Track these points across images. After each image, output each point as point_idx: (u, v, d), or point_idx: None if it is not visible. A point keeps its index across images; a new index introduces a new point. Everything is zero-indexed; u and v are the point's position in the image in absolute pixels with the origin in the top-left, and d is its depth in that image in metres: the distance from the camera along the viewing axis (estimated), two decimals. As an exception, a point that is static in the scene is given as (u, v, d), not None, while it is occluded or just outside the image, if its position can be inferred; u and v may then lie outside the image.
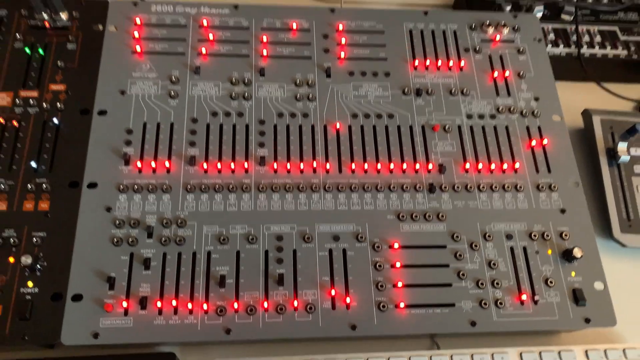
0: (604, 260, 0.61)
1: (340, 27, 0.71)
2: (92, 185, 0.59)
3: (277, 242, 0.58)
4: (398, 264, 0.58)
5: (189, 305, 0.54)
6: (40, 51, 0.66)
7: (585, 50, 0.83)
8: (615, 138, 0.74)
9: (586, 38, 0.84)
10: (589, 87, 0.84)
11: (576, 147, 0.66)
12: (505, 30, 0.73)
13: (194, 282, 0.56)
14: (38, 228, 0.57)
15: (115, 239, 0.56)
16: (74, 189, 0.59)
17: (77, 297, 0.54)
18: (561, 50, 0.83)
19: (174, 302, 0.54)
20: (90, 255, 0.55)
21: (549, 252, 0.61)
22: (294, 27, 0.70)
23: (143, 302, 0.54)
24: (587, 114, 0.77)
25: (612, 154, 0.73)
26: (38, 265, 0.55)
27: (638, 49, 0.84)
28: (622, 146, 0.72)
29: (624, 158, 0.72)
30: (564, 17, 0.86)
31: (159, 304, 0.54)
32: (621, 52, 0.83)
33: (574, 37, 0.84)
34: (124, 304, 0.54)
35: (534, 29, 0.74)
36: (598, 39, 0.84)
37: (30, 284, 0.55)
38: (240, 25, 0.70)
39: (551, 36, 0.84)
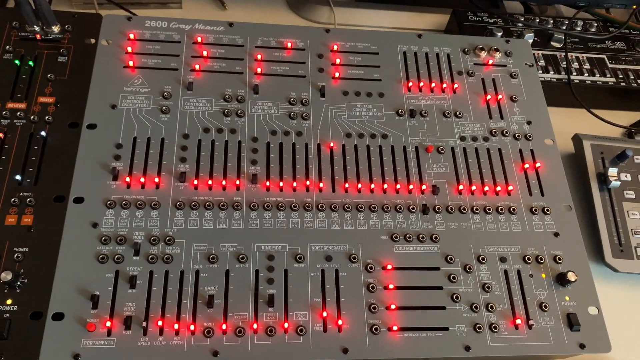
0: (596, 285, 0.61)
1: (335, 47, 0.71)
2: (78, 200, 0.57)
3: (268, 262, 0.57)
4: (391, 286, 0.57)
5: (176, 326, 0.52)
6: (30, 63, 0.65)
7: (574, 77, 0.84)
8: (605, 163, 0.75)
9: (575, 65, 0.86)
10: (578, 112, 0.85)
11: (567, 172, 0.67)
12: (498, 55, 0.74)
13: (181, 302, 0.54)
14: (20, 243, 0.55)
15: (100, 256, 0.54)
16: (59, 203, 0.57)
17: (58, 316, 0.51)
18: (551, 76, 0.84)
19: (159, 323, 0.52)
20: (74, 272, 0.53)
21: (543, 275, 0.60)
22: (289, 45, 0.70)
23: (127, 322, 0.52)
24: (577, 139, 0.78)
25: (603, 179, 0.73)
26: (18, 282, 0.53)
27: (626, 77, 0.85)
28: (612, 171, 0.73)
29: (615, 183, 0.72)
30: (554, 44, 0.88)
31: (144, 324, 0.52)
32: (609, 79, 0.85)
33: (564, 64, 0.85)
34: (108, 324, 0.51)
35: (525, 54, 0.75)
36: (587, 66, 0.86)
37: (9, 301, 0.52)
38: (235, 43, 0.69)
39: (541, 62, 0.85)
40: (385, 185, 0.62)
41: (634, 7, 0.90)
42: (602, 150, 0.76)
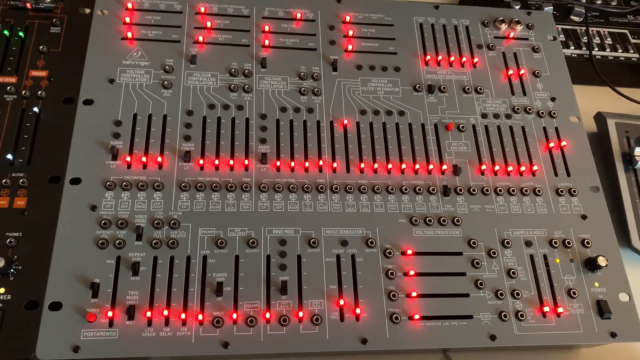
0: (623, 271, 0.57)
1: (347, 19, 0.67)
2: (75, 181, 0.53)
3: (279, 247, 0.53)
4: (411, 272, 0.54)
5: (182, 316, 0.49)
6: (21, 34, 0.60)
7: (596, 52, 0.80)
8: (631, 142, 0.71)
9: (596, 40, 0.82)
10: (599, 90, 0.81)
11: (590, 152, 0.63)
12: (519, 27, 0.70)
13: (188, 290, 0.50)
14: (13, 227, 0.51)
15: (100, 241, 0.51)
16: (54, 184, 0.54)
17: (55, 306, 0.48)
18: (572, 51, 0.80)
19: (165, 312, 0.49)
20: (72, 258, 0.50)
21: (571, 260, 0.57)
22: (298, 16, 0.66)
23: (130, 312, 0.48)
24: (600, 118, 0.74)
25: (629, 159, 0.70)
26: (12, 269, 0.49)
27: (650, 52, 0.81)
28: (638, 151, 0.69)
29: (642, 163, 0.69)
30: (574, 18, 0.83)
31: (148, 313, 0.48)
32: (633, 54, 0.81)
33: (585, 39, 0.81)
34: (109, 314, 0.48)
35: (548, 27, 0.71)
36: (609, 41, 0.82)
37: (2, 290, 0.49)
38: (241, 13, 0.65)
39: (561, 37, 0.81)
40: (403, 165, 0.59)
41: (657, -21, 0.86)
42: (626, 129, 0.72)
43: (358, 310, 0.51)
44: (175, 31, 0.63)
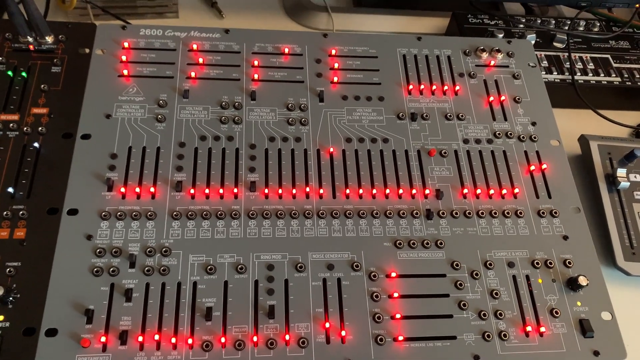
0: (608, 290, 0.58)
1: (333, 52, 0.70)
2: (72, 212, 0.55)
3: (267, 272, 0.55)
4: (396, 294, 0.55)
5: (173, 340, 0.50)
6: (24, 74, 0.63)
7: (578, 77, 0.83)
8: (613, 164, 0.73)
9: (579, 65, 0.84)
10: (583, 113, 0.83)
11: (574, 174, 0.65)
12: (500, 56, 0.72)
13: (179, 315, 0.52)
14: (12, 257, 0.53)
15: (95, 269, 0.53)
16: (52, 215, 0.56)
17: (51, 332, 0.50)
18: (555, 77, 0.82)
19: (156, 337, 0.50)
20: (68, 286, 0.52)
21: (553, 280, 0.58)
22: (286, 51, 0.69)
23: (123, 337, 0.50)
24: (584, 140, 0.76)
25: (612, 180, 0.71)
26: (10, 297, 0.51)
27: (631, 76, 0.83)
28: (621, 172, 0.71)
29: (624, 184, 0.70)
30: (556, 44, 0.86)
31: (140, 338, 0.50)
32: (615, 78, 0.83)
33: (567, 65, 0.83)
34: (102, 339, 0.50)
35: (528, 54, 0.73)
36: (591, 65, 0.84)
37: (1, 317, 0.51)
38: (231, 49, 0.68)
39: (544, 63, 0.83)
40: (388, 191, 0.61)
41: (637, 5, 0.89)
42: (609, 151, 0.74)
43: (343, 333, 0.53)
44: (169, 68, 0.66)
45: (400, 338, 0.53)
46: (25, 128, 0.60)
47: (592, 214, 0.71)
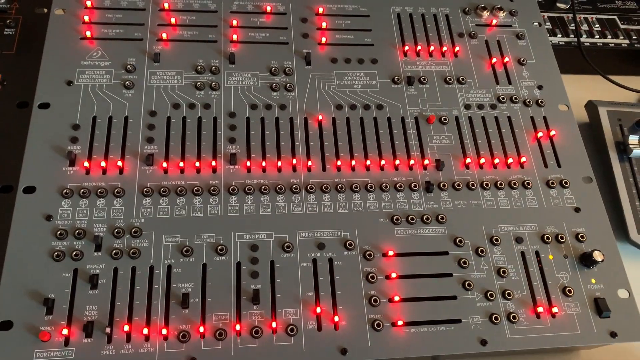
0: (623, 266, 0.54)
1: (321, 10, 0.63)
2: (29, 190, 0.50)
3: (251, 253, 0.50)
4: (394, 275, 0.50)
5: (145, 331, 0.45)
6: (-28, 37, 0.57)
7: (584, 39, 0.77)
8: (624, 131, 0.68)
9: (584, 27, 0.79)
10: (589, 79, 0.78)
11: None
12: (502, 14, 0.66)
13: (151, 303, 0.47)
14: (-40, 241, 0.47)
15: (55, 253, 0.47)
16: (6, 194, 0.51)
17: (5, 325, 0.44)
18: (559, 39, 0.76)
19: (126, 328, 0.45)
20: (24, 272, 0.46)
21: (565, 256, 0.53)
22: (268, 10, 0.63)
23: (88, 329, 0.45)
24: (592, 106, 0.71)
25: (623, 148, 0.66)
26: (-42, 287, 0.45)
27: (640, 38, 0.78)
28: (633, 139, 0.66)
29: (636, 152, 0.65)
30: (560, 5, 0.80)
31: (107, 330, 0.44)
32: (622, 40, 0.78)
33: (572, 26, 0.78)
34: (64, 332, 0.44)
35: (532, 13, 0.68)
36: (597, 27, 0.79)
37: (-53, 310, 0.45)
38: (207, 8, 0.62)
39: (547, 25, 0.78)
40: (383, 162, 0.55)
41: (645, -38, 0.83)
42: (619, 117, 0.69)
43: (337, 318, 0.48)
44: (138, 29, 0.59)
45: (400, 323, 0.48)
46: (-26, 97, 0.54)
47: (603, 185, 0.66)
